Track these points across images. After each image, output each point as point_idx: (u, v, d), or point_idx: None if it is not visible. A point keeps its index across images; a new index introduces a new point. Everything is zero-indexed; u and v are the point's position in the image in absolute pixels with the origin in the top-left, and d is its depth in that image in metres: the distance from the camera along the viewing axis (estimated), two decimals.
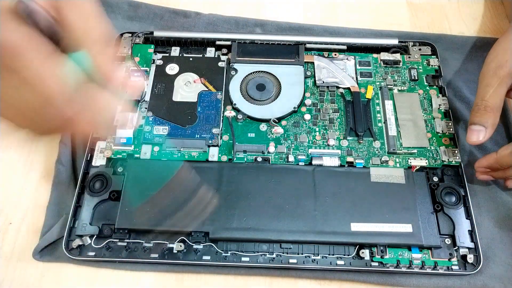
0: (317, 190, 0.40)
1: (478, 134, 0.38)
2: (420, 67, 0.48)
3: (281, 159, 0.42)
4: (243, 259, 0.38)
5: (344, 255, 0.38)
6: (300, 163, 0.42)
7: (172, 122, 0.43)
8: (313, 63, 0.48)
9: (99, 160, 0.42)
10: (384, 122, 0.44)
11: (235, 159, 0.42)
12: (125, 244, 0.38)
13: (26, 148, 0.44)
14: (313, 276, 0.38)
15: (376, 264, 0.38)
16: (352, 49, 0.49)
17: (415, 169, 0.42)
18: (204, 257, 0.38)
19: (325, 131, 0.44)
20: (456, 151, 0.42)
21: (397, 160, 0.42)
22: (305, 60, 0.48)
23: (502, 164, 0.38)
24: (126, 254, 0.38)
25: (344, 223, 0.38)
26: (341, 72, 0.47)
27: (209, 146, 0.42)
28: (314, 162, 0.41)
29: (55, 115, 0.24)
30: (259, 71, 0.47)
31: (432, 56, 0.48)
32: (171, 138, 0.42)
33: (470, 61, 0.50)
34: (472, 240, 0.39)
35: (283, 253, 0.38)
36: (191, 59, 0.47)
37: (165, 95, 0.45)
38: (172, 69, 0.47)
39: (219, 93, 0.45)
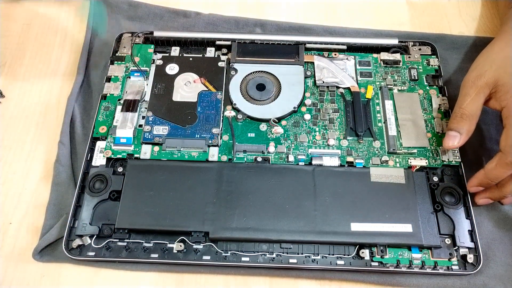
0: (317, 190, 0.40)
1: (454, 140, 0.40)
2: (420, 67, 0.48)
3: (281, 159, 0.42)
4: (243, 259, 0.38)
5: (344, 255, 0.38)
6: (300, 163, 0.42)
7: (172, 122, 0.43)
8: (313, 63, 0.48)
9: (99, 160, 0.42)
10: (384, 122, 0.44)
11: (235, 159, 0.42)
12: (125, 244, 0.38)
13: (26, 148, 0.44)
14: (313, 276, 0.38)
15: (376, 264, 0.38)
16: (352, 49, 0.49)
17: (415, 169, 0.42)
18: (204, 257, 0.38)
19: (325, 131, 0.44)
20: (456, 151, 0.42)
21: (397, 160, 0.42)
22: (305, 60, 0.48)
23: (491, 178, 0.38)
24: (126, 254, 0.38)
25: (344, 223, 0.38)
26: (341, 72, 0.47)
27: (209, 146, 0.42)
28: (314, 162, 0.41)
29: None
30: (259, 71, 0.47)
31: (432, 56, 0.48)
32: (171, 138, 0.42)
33: (470, 61, 0.49)
34: (472, 240, 0.39)
35: (283, 253, 0.38)
36: (191, 59, 0.47)
37: (165, 95, 0.45)
38: (172, 69, 0.47)
39: (219, 93, 0.45)
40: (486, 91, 0.39)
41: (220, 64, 0.47)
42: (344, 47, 0.49)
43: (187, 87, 0.46)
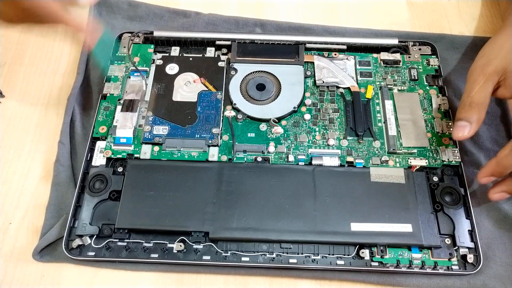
0: (317, 190, 0.40)
1: (464, 130, 0.38)
2: (420, 67, 0.48)
3: (281, 159, 0.42)
4: (243, 259, 0.38)
5: (344, 255, 0.38)
6: (300, 163, 0.42)
7: (172, 122, 0.43)
8: (313, 63, 0.48)
9: (99, 160, 0.42)
10: (384, 122, 0.44)
11: (235, 159, 0.42)
12: (125, 244, 0.38)
13: (26, 148, 0.44)
14: (313, 276, 0.38)
15: (376, 264, 0.38)
16: (352, 49, 0.49)
17: (415, 169, 0.42)
18: (204, 257, 0.38)
19: (325, 131, 0.44)
20: (456, 151, 0.42)
21: (397, 160, 0.42)
22: (305, 60, 0.48)
23: (505, 166, 0.37)
24: (126, 254, 0.38)
25: (344, 223, 0.38)
26: (341, 72, 0.47)
27: (209, 146, 0.42)
28: (314, 162, 0.41)
29: None
30: (259, 71, 0.47)
31: (432, 56, 0.48)
32: (171, 138, 0.42)
33: (470, 60, 0.49)
34: (472, 240, 0.39)
35: (283, 253, 0.38)
36: (191, 59, 0.47)
37: (165, 95, 0.45)
38: (172, 69, 0.47)
39: (219, 93, 0.45)
40: (494, 79, 0.38)
41: (220, 64, 0.47)
42: (344, 47, 0.49)
43: (187, 87, 0.46)
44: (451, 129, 0.43)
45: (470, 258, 0.38)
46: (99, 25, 0.40)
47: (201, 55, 0.48)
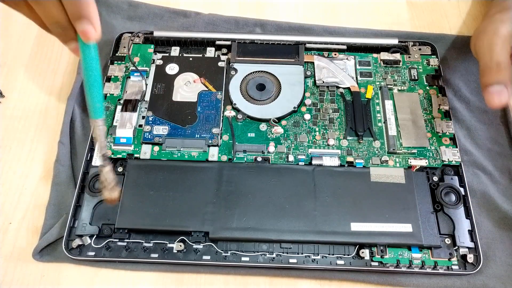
0: (317, 190, 0.40)
1: (501, 94, 0.34)
2: (420, 67, 0.48)
3: (281, 159, 0.42)
4: (243, 259, 0.38)
5: (344, 255, 0.38)
6: (300, 163, 0.42)
7: (172, 122, 0.43)
8: (313, 63, 0.48)
9: (99, 160, 0.42)
10: (384, 122, 0.44)
11: (235, 159, 0.42)
12: (125, 244, 0.38)
13: (26, 148, 0.44)
14: (313, 276, 0.38)
15: (376, 264, 0.38)
16: (352, 49, 0.49)
17: (415, 169, 0.42)
18: (204, 257, 0.38)
19: (325, 131, 0.44)
20: (456, 151, 0.42)
21: (397, 160, 0.42)
22: (305, 60, 0.48)
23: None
24: (126, 254, 0.38)
25: (344, 223, 0.38)
26: (341, 72, 0.47)
27: (209, 146, 0.42)
28: (314, 162, 0.41)
29: None
30: (259, 71, 0.47)
31: (432, 56, 0.48)
32: (171, 138, 0.42)
33: (470, 61, 0.50)
34: (472, 240, 0.39)
35: (283, 253, 0.38)
36: (191, 59, 0.47)
37: (165, 95, 0.45)
38: (172, 69, 0.47)
39: (219, 93, 0.45)
40: (510, 40, 0.36)
41: (220, 64, 0.47)
42: (344, 47, 0.49)
43: (187, 87, 0.46)
44: (451, 129, 0.43)
45: (470, 258, 0.38)
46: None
47: (201, 55, 0.48)
